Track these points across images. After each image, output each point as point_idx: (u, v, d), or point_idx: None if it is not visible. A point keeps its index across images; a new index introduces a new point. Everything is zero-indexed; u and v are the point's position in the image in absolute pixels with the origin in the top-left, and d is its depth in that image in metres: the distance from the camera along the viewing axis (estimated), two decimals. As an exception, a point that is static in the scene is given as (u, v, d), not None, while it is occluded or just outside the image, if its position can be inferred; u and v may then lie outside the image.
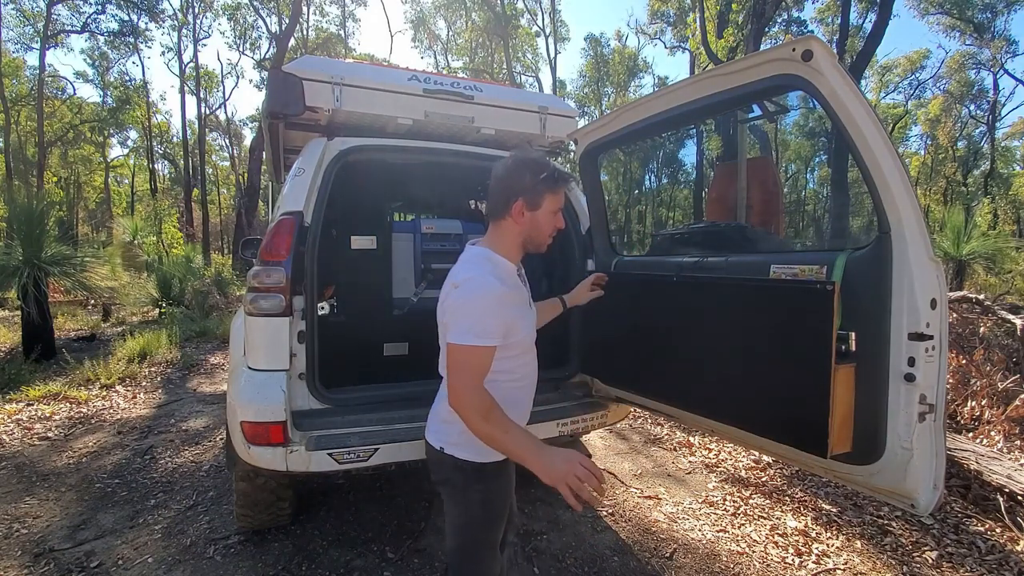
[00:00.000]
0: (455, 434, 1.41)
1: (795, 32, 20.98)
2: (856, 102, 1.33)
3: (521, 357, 1.44)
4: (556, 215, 1.41)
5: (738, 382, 1.63)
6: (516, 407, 1.44)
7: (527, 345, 1.45)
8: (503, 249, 1.41)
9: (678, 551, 2.59)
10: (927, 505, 1.32)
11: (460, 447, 1.41)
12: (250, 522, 2.51)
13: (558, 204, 1.41)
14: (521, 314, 1.40)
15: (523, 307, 1.43)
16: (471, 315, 1.27)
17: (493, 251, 1.40)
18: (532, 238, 1.41)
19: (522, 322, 1.40)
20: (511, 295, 1.34)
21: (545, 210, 1.38)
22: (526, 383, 1.49)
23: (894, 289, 1.31)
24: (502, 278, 1.34)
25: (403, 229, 3.41)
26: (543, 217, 1.38)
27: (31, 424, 4.22)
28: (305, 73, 2.26)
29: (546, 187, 1.35)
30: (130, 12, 23.05)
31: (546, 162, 1.38)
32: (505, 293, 1.31)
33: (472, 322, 1.26)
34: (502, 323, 1.29)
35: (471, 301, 1.29)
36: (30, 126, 25.78)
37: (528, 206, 1.36)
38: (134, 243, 12.87)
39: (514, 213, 1.36)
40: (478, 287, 1.29)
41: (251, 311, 2.01)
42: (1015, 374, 3.88)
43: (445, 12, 30.89)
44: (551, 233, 1.42)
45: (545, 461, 1.18)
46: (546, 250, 1.46)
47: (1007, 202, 29.15)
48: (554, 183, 1.36)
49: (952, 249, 8.30)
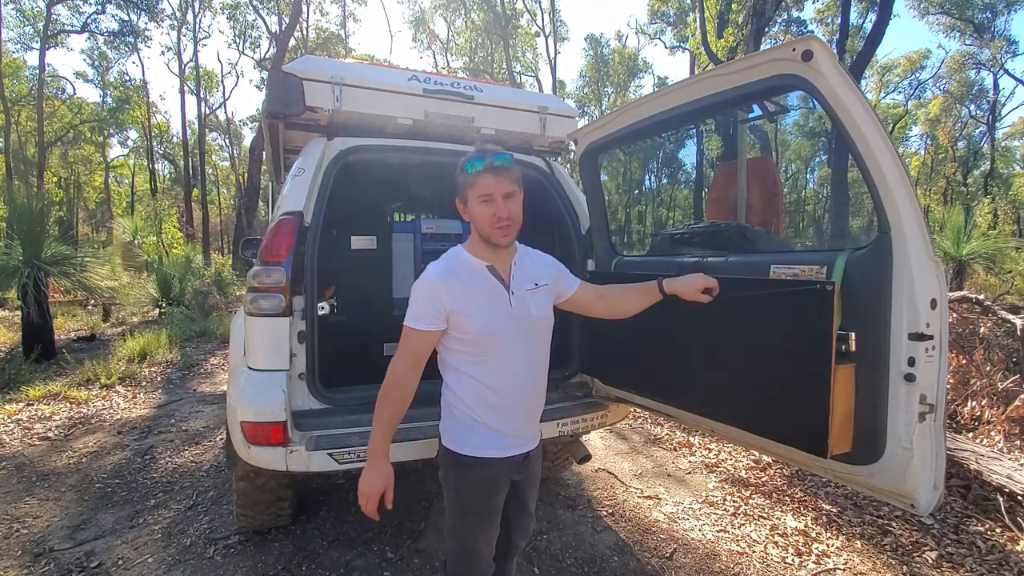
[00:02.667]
0: (445, 420, 1.54)
1: (795, 32, 20.98)
2: (856, 102, 1.33)
3: (488, 358, 1.44)
4: (488, 203, 1.39)
5: (738, 382, 1.63)
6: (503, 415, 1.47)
7: (490, 345, 1.43)
8: (472, 246, 1.50)
9: (678, 551, 2.59)
10: (927, 505, 1.32)
11: (445, 435, 1.53)
12: (250, 522, 2.51)
13: (481, 191, 1.39)
14: (473, 309, 1.40)
15: (478, 303, 1.41)
16: (414, 300, 1.43)
17: (464, 248, 1.51)
18: (479, 228, 1.44)
19: (475, 317, 1.40)
20: (449, 287, 1.40)
21: (472, 201, 1.41)
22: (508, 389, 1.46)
23: (894, 289, 1.31)
24: (451, 270, 1.44)
25: (403, 229, 3.41)
26: (473, 208, 1.42)
27: (31, 424, 4.22)
28: (305, 73, 2.25)
29: (462, 180, 1.43)
30: (130, 12, 23.05)
31: (463, 160, 1.43)
32: (437, 284, 1.40)
33: (414, 306, 1.42)
34: (434, 310, 1.39)
35: (415, 289, 1.44)
36: (30, 126, 25.76)
37: (462, 201, 1.46)
38: (134, 243, 12.86)
39: (460, 210, 1.48)
40: (421, 278, 1.44)
41: (251, 311, 2.01)
42: (1015, 374, 3.88)
43: (444, 12, 30.89)
44: (492, 223, 1.39)
45: (366, 469, 1.42)
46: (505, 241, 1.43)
47: (1007, 202, 29.11)
48: (467, 175, 1.41)
49: (952, 249, 8.30)
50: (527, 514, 1.69)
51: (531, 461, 1.60)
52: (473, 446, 1.46)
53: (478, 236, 1.46)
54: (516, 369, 1.47)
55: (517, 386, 1.48)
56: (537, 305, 1.52)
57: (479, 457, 1.46)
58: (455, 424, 1.49)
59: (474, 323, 1.40)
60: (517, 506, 1.63)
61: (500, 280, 1.47)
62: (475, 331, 1.41)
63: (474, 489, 1.49)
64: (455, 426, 1.49)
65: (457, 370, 1.47)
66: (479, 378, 1.44)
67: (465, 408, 1.46)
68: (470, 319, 1.40)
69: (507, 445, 1.49)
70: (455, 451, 1.48)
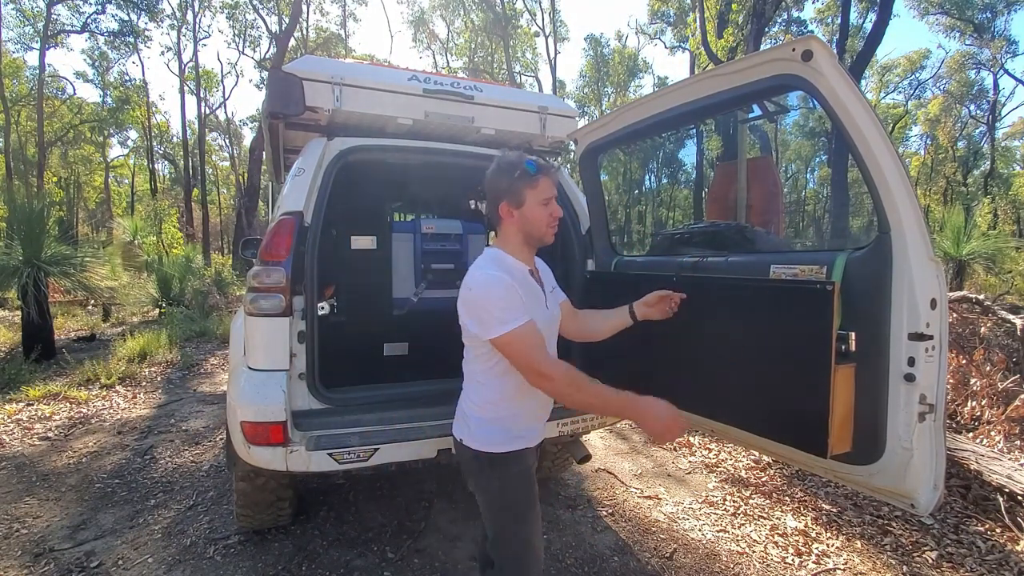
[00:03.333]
0: (471, 426, 1.50)
1: (795, 32, 20.98)
2: (856, 102, 1.33)
3: None
4: (546, 205, 1.44)
5: (738, 382, 1.63)
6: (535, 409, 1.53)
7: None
8: (511, 249, 1.49)
9: (678, 551, 2.59)
10: (927, 505, 1.32)
11: (474, 438, 1.49)
12: (250, 522, 2.51)
13: (543, 195, 1.43)
14: (530, 308, 1.42)
15: (530, 304, 1.44)
16: (492, 307, 1.35)
17: (503, 251, 1.49)
18: (531, 233, 1.45)
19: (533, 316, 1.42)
20: (517, 287, 1.38)
21: (530, 204, 1.42)
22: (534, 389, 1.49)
23: (894, 289, 1.31)
24: (509, 272, 1.42)
25: (403, 229, 3.41)
26: (530, 211, 1.43)
27: (31, 424, 4.22)
28: (305, 73, 2.25)
29: (523, 184, 1.41)
30: (130, 12, 23.05)
31: (519, 160, 1.42)
32: (511, 282, 1.37)
33: (497, 312, 1.34)
34: (517, 303, 1.36)
35: (486, 296, 1.37)
36: (30, 126, 25.76)
37: (512, 205, 1.44)
38: (134, 243, 12.86)
39: (503, 215, 1.46)
40: (487, 282, 1.38)
41: (251, 311, 2.01)
42: (1015, 374, 3.88)
43: (444, 12, 30.88)
44: (548, 223, 1.45)
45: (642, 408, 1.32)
46: (552, 240, 1.48)
47: (1007, 202, 29.11)
48: (529, 177, 1.40)
49: (952, 249, 8.29)
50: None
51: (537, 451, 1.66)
52: (510, 442, 1.48)
53: (522, 239, 1.47)
54: None
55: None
56: (556, 305, 1.63)
57: (516, 451, 1.49)
58: (486, 427, 1.49)
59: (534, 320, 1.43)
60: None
61: (537, 282, 1.53)
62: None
63: (519, 484, 1.50)
64: (487, 429, 1.49)
65: (496, 374, 1.45)
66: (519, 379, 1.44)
67: (506, 407, 1.48)
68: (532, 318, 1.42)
69: (535, 435, 1.56)
70: (492, 451, 1.47)
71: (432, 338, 3.05)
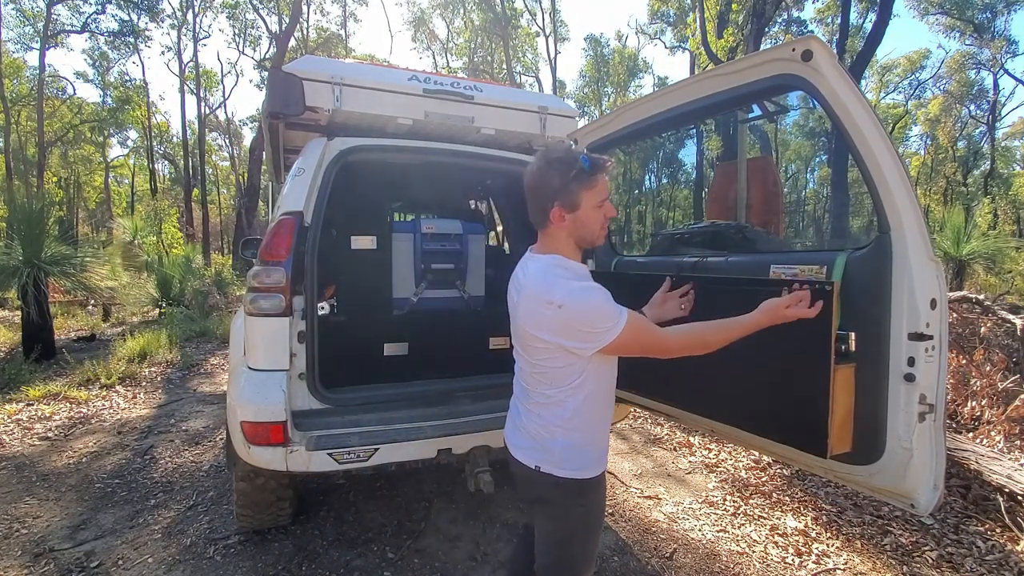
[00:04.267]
0: (555, 452, 1.36)
1: (795, 32, 20.98)
2: (856, 102, 1.33)
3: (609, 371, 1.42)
4: (601, 207, 1.31)
5: (738, 382, 1.63)
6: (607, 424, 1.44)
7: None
8: (567, 252, 1.36)
9: (678, 551, 2.59)
10: (927, 505, 1.32)
11: (560, 466, 1.36)
12: (250, 522, 2.51)
13: (599, 196, 1.30)
14: None
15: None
16: (596, 316, 1.25)
17: (564, 257, 1.35)
18: (583, 236, 1.34)
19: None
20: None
21: (586, 207, 1.29)
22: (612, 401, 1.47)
23: (894, 289, 1.31)
24: (582, 279, 1.32)
25: (403, 229, 3.41)
26: (585, 214, 1.30)
27: (31, 424, 4.22)
28: (305, 73, 2.25)
29: (579, 185, 1.26)
30: (130, 12, 23.04)
31: (573, 157, 1.27)
32: (598, 285, 1.30)
33: (602, 320, 1.25)
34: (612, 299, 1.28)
35: (585, 308, 1.25)
36: (30, 126, 25.76)
37: (566, 209, 1.28)
38: (134, 243, 12.85)
39: (554, 219, 1.30)
40: (579, 294, 1.26)
41: (251, 311, 2.01)
42: (1015, 374, 3.88)
43: (444, 12, 30.88)
44: (602, 225, 1.34)
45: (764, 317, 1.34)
46: (601, 242, 1.41)
47: (1007, 202, 29.12)
48: (587, 177, 1.26)
49: (952, 249, 8.29)
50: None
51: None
52: (596, 466, 1.40)
53: (572, 243, 1.35)
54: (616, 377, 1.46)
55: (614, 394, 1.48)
56: None
57: (602, 473, 1.42)
58: (574, 451, 1.36)
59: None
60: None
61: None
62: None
63: (599, 507, 1.45)
64: (575, 452, 1.36)
65: (587, 392, 1.34)
66: (604, 394, 1.39)
67: (588, 431, 1.38)
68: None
69: (607, 453, 1.48)
70: (579, 478, 1.36)
71: (432, 338, 3.05)
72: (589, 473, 1.38)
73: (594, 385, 1.35)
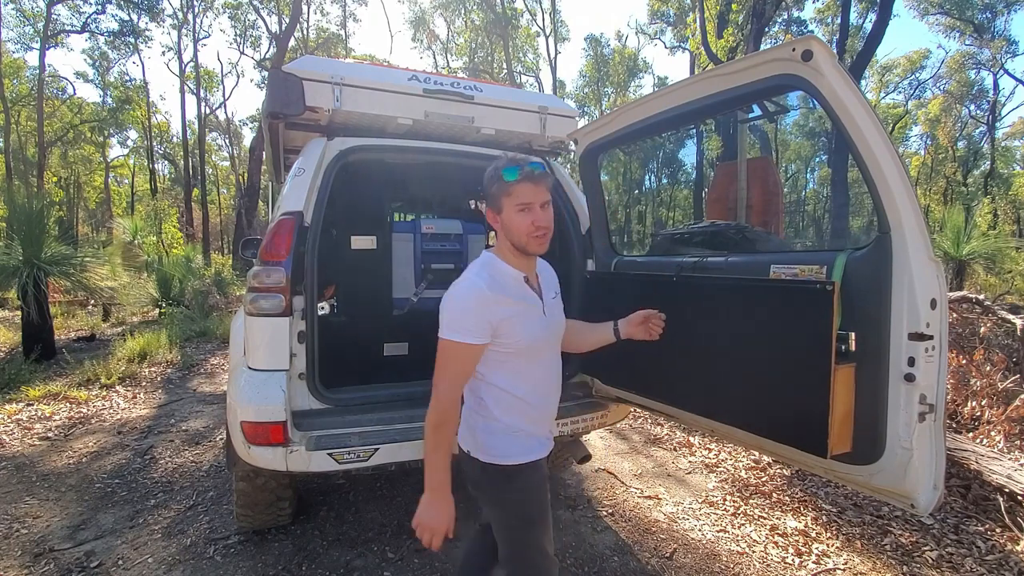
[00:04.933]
0: (477, 437, 1.46)
1: (795, 32, 20.98)
2: (856, 102, 1.33)
3: (530, 368, 1.44)
4: (526, 212, 1.35)
5: (738, 382, 1.63)
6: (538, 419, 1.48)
7: (530, 354, 1.43)
8: (503, 255, 1.44)
9: (678, 551, 2.59)
10: (927, 505, 1.32)
11: (481, 450, 1.45)
12: (250, 522, 2.51)
13: (518, 200, 1.34)
14: (519, 319, 1.38)
15: (522, 313, 1.39)
16: (453, 312, 1.34)
17: (497, 257, 1.44)
18: (514, 240, 1.39)
19: (521, 328, 1.38)
20: (498, 298, 1.35)
21: (508, 211, 1.36)
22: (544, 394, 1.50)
23: (894, 289, 1.31)
24: (496, 281, 1.38)
25: (403, 229, 3.41)
26: (509, 217, 1.37)
27: (31, 424, 4.22)
28: (305, 73, 2.25)
29: (497, 189, 1.37)
30: (130, 12, 23.05)
31: (499, 166, 1.36)
32: (489, 295, 1.33)
33: (452, 318, 1.34)
34: (483, 322, 1.33)
35: (455, 300, 1.36)
36: (30, 126, 25.77)
37: (494, 210, 1.40)
38: (134, 243, 12.86)
39: (489, 219, 1.44)
40: (462, 287, 1.37)
41: (251, 311, 2.01)
42: (1015, 374, 3.88)
43: (444, 12, 30.89)
44: (530, 232, 1.35)
45: (430, 503, 1.37)
46: (541, 250, 1.41)
47: (1007, 202, 29.13)
48: (505, 184, 1.34)
49: (952, 249, 8.30)
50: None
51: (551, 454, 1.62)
52: (523, 453, 1.44)
53: (510, 245, 1.41)
54: (548, 375, 1.51)
55: (549, 391, 1.52)
56: (559, 312, 1.58)
57: (531, 462, 1.45)
58: (493, 437, 1.44)
59: (522, 333, 1.38)
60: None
61: (534, 290, 1.47)
62: (523, 341, 1.39)
63: (535, 495, 1.47)
64: (494, 439, 1.44)
65: (496, 384, 1.42)
66: (519, 389, 1.42)
67: (508, 419, 1.43)
68: (517, 331, 1.37)
69: (544, 445, 1.52)
70: (504, 463, 1.43)
71: (432, 338, 3.04)
72: (512, 460, 1.43)
73: (503, 381, 1.41)
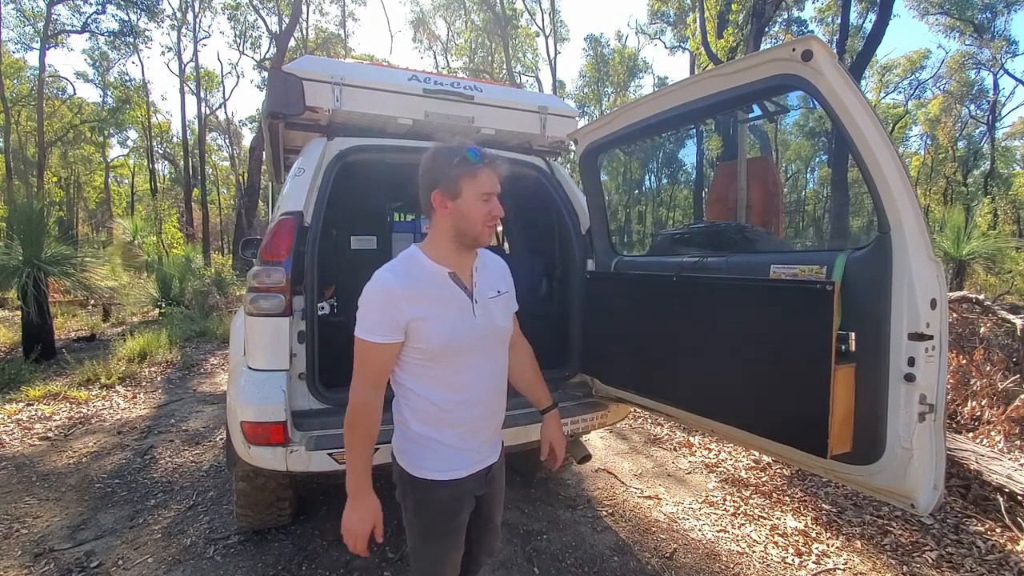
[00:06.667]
0: (398, 441, 1.41)
1: (795, 32, 20.99)
2: (856, 102, 1.33)
3: (449, 373, 1.32)
4: (486, 201, 1.28)
5: (738, 382, 1.63)
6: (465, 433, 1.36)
7: (451, 359, 1.31)
8: (431, 248, 1.34)
9: (678, 551, 2.59)
10: (927, 505, 1.32)
11: (401, 455, 1.40)
12: (250, 522, 2.51)
13: (483, 188, 1.27)
14: (435, 320, 1.28)
15: (439, 313, 1.29)
16: (361, 309, 1.28)
17: (421, 250, 1.34)
18: (463, 229, 1.29)
19: (436, 328, 1.27)
20: (408, 294, 1.26)
21: (467, 197, 1.26)
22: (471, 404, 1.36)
23: (894, 289, 1.31)
24: (409, 276, 1.29)
25: (403, 229, 3.41)
26: (468, 203, 1.27)
27: (31, 424, 4.22)
28: (305, 73, 2.26)
29: (461, 171, 1.26)
30: (130, 12, 23.05)
31: (461, 146, 1.28)
32: (396, 291, 1.25)
33: (360, 315, 1.28)
34: (389, 320, 1.25)
35: (363, 296, 1.28)
36: (30, 126, 25.76)
37: (447, 195, 1.27)
38: (134, 243, 12.86)
39: (436, 204, 1.30)
40: (371, 283, 1.28)
41: (251, 311, 2.01)
42: (1015, 374, 3.88)
43: (444, 12, 30.90)
44: (486, 221, 1.28)
45: (350, 507, 1.28)
46: (490, 240, 1.35)
47: (1007, 202, 29.13)
48: (470, 166, 1.25)
49: (952, 249, 8.30)
50: (492, 530, 1.56)
51: (495, 474, 1.49)
52: (433, 468, 1.34)
53: (452, 235, 1.30)
54: (478, 383, 1.36)
55: (479, 400, 1.37)
56: (500, 313, 1.42)
57: (441, 480, 1.34)
58: (410, 444, 1.36)
59: (436, 335, 1.27)
60: (480, 522, 1.51)
61: (462, 287, 1.34)
62: (437, 344, 1.28)
63: (435, 511, 1.37)
64: (410, 446, 1.36)
65: (411, 388, 1.33)
66: (439, 395, 1.32)
67: (421, 428, 1.34)
68: (432, 331, 1.27)
69: (469, 463, 1.39)
70: (413, 475, 1.35)
71: None
72: (422, 472, 1.34)
73: (419, 385, 1.32)
